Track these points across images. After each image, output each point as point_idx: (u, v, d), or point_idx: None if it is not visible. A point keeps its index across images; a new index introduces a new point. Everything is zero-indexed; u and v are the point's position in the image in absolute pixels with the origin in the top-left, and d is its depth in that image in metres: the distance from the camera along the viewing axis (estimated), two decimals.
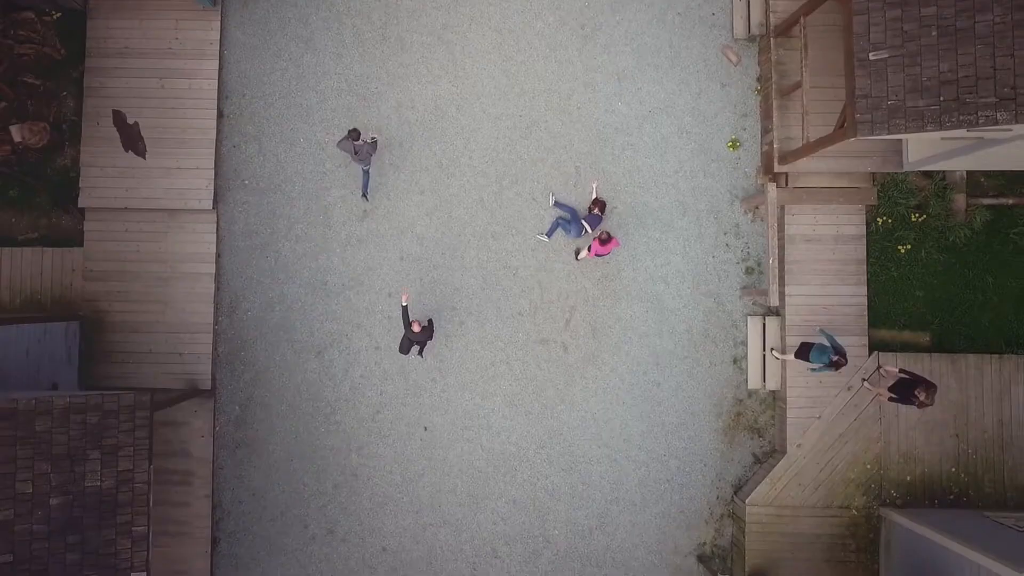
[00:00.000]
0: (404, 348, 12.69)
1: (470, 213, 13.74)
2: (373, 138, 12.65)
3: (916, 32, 10.33)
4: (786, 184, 13.47)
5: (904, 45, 10.38)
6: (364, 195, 13.36)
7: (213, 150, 13.46)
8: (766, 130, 13.65)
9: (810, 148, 12.12)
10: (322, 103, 13.77)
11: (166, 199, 13.40)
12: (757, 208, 13.66)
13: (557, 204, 13.56)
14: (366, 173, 13.08)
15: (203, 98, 13.53)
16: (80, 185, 13.41)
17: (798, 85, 12.76)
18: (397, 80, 13.77)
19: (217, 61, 13.59)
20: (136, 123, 13.46)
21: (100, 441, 10.39)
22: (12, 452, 9.92)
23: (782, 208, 13.48)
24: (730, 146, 13.82)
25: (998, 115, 9.90)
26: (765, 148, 13.69)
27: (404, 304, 12.41)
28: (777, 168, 13.22)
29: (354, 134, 12.24)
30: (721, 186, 13.85)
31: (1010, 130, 10.37)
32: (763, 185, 13.55)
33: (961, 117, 10.07)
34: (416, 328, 12.23)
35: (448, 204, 13.73)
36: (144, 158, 13.43)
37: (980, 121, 10.00)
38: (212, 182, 13.43)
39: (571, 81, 13.87)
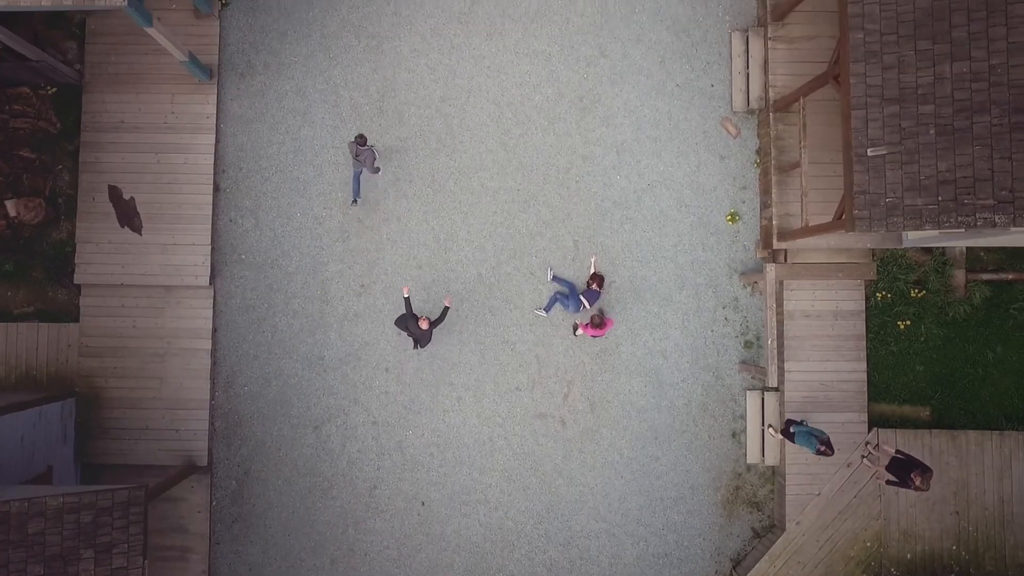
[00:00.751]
0: (400, 325, 12.64)
1: (468, 288, 13.67)
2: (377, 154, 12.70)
3: (914, 130, 10.27)
4: (785, 260, 13.42)
5: (902, 142, 10.33)
6: (354, 200, 13.31)
7: (209, 225, 13.40)
8: (765, 205, 13.59)
9: (808, 231, 12.06)
10: (319, 177, 13.71)
11: (162, 275, 13.35)
12: (756, 283, 13.59)
13: (555, 279, 13.51)
14: (357, 177, 13.04)
15: (199, 173, 13.47)
16: (76, 261, 13.35)
17: (798, 163, 12.69)
18: (394, 154, 13.71)
19: (213, 135, 13.54)
20: (132, 198, 13.40)
21: (94, 540, 10.31)
22: (5, 556, 9.85)
23: (781, 283, 13.42)
24: (729, 219, 13.76)
25: (996, 217, 9.85)
26: (764, 223, 13.63)
27: (406, 296, 12.31)
28: (776, 245, 13.16)
29: (360, 139, 12.23)
30: (720, 260, 13.79)
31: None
32: (762, 259, 13.51)
33: (959, 218, 10.02)
34: (424, 325, 12.13)
35: (445, 279, 13.67)
36: (140, 234, 13.37)
37: (978, 223, 9.95)
38: (208, 258, 13.37)
39: (569, 154, 13.81)
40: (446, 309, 12.48)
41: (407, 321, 12.34)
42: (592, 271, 13.28)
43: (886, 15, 10.45)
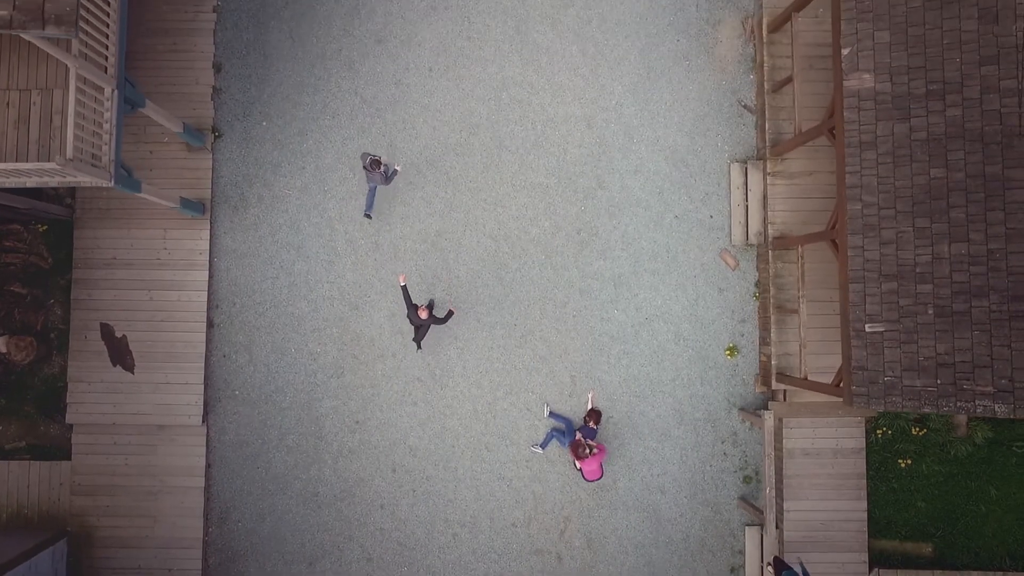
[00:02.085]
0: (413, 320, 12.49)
1: (463, 424, 13.54)
2: (395, 170, 12.55)
3: (912, 309, 10.13)
4: (784, 398, 13.26)
5: (900, 320, 10.19)
6: (367, 214, 13.17)
7: (203, 364, 13.29)
8: (764, 340, 13.45)
9: (807, 386, 11.92)
10: (314, 312, 13.59)
11: (155, 415, 13.23)
12: (755, 419, 13.44)
13: (552, 415, 13.38)
14: (373, 191, 12.90)
15: (192, 310, 13.36)
16: (67, 401, 13.25)
17: (796, 310, 12.55)
18: (391, 289, 13.60)
19: (207, 271, 13.43)
20: (124, 336, 13.29)
21: None
22: None
23: (780, 421, 13.26)
24: (728, 353, 13.62)
25: (996, 407, 9.70)
26: (763, 359, 13.49)
27: (402, 284, 12.21)
28: (775, 386, 13.02)
29: (375, 164, 12.08)
30: (719, 394, 13.64)
31: None
32: (761, 393, 13.38)
33: (958, 403, 9.87)
34: (423, 315, 12.11)
35: (441, 415, 13.54)
36: (132, 373, 13.26)
37: (978, 410, 9.80)
38: (202, 397, 13.26)
39: (567, 288, 13.68)
40: (450, 314, 12.48)
41: (407, 311, 12.23)
42: (589, 407, 13.15)
43: (884, 188, 10.32)
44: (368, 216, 13.15)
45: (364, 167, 12.28)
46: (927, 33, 10.28)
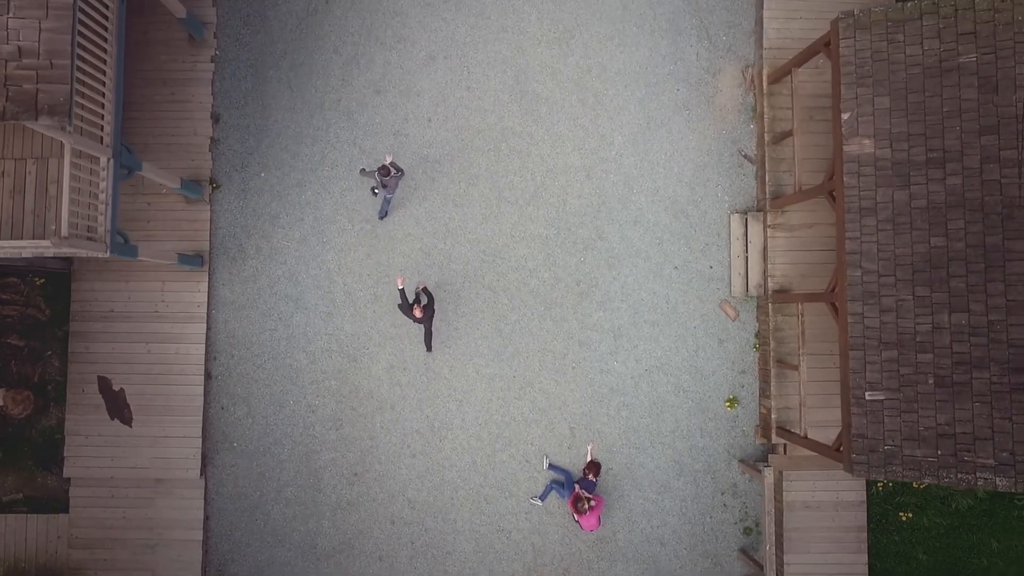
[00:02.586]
0: (403, 311, 12.45)
1: (462, 476, 13.49)
2: (399, 169, 12.43)
3: (913, 378, 10.08)
4: (784, 451, 13.21)
5: (901, 389, 10.14)
6: (381, 217, 13.29)
7: (200, 417, 13.26)
8: (764, 393, 13.40)
9: (806, 444, 11.87)
10: (312, 364, 13.55)
11: (153, 468, 13.20)
12: (755, 472, 13.39)
13: (551, 467, 13.33)
14: (388, 200, 12.95)
15: (191, 364, 13.32)
16: (64, 454, 13.21)
17: (796, 366, 12.50)
18: (389, 340, 13.55)
19: (205, 324, 13.39)
20: (122, 389, 13.25)
21: None
22: None
23: (780, 474, 13.21)
24: (728, 404, 13.57)
25: (997, 480, 9.64)
26: (763, 411, 13.44)
27: (400, 287, 12.12)
28: (775, 439, 12.97)
29: (384, 171, 12.06)
30: (719, 445, 13.59)
31: None
32: (761, 445, 13.32)
33: (959, 475, 9.81)
34: (418, 313, 12.06)
35: (440, 467, 13.49)
36: (130, 426, 13.22)
37: (978, 482, 9.75)
38: (199, 449, 13.22)
39: (566, 340, 13.63)
40: (402, 291, 12.25)
41: (408, 316, 12.27)
42: (588, 459, 13.10)
43: (884, 256, 10.27)
44: (383, 218, 13.36)
45: (380, 182, 12.23)
46: (927, 100, 10.23)
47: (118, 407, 13.28)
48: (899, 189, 10.28)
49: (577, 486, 12.79)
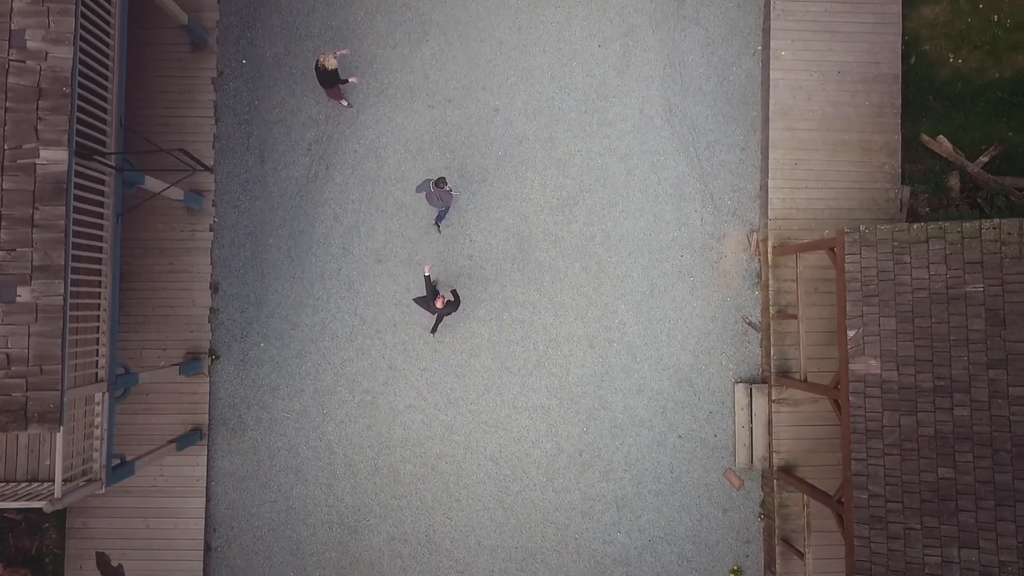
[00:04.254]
0: (420, 303, 12.63)
1: None
2: (449, 189, 12.41)
3: None
4: None
5: None
6: (437, 223, 13.39)
7: None
8: (769, 568, 13.26)
9: None
10: (312, 536, 13.42)
11: None
12: None
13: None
14: (442, 215, 13.06)
15: (190, 538, 13.21)
16: None
17: (802, 553, 12.37)
18: (390, 512, 13.43)
19: (204, 497, 13.28)
20: (120, 565, 13.15)
21: None
22: None
23: None
24: (732, 575, 13.44)
25: None
26: None
27: (427, 275, 12.13)
28: None
29: (442, 182, 12.06)
30: None
31: None
32: None
33: None
34: (440, 304, 12.01)
35: None
36: None
37: None
38: None
39: (569, 511, 13.51)
40: (427, 279, 12.30)
41: (426, 300, 12.25)
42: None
43: (891, 480, 10.15)
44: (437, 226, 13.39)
45: (431, 194, 12.23)
46: (934, 327, 10.11)
47: None
48: (906, 414, 10.16)
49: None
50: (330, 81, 12.51)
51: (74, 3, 7.73)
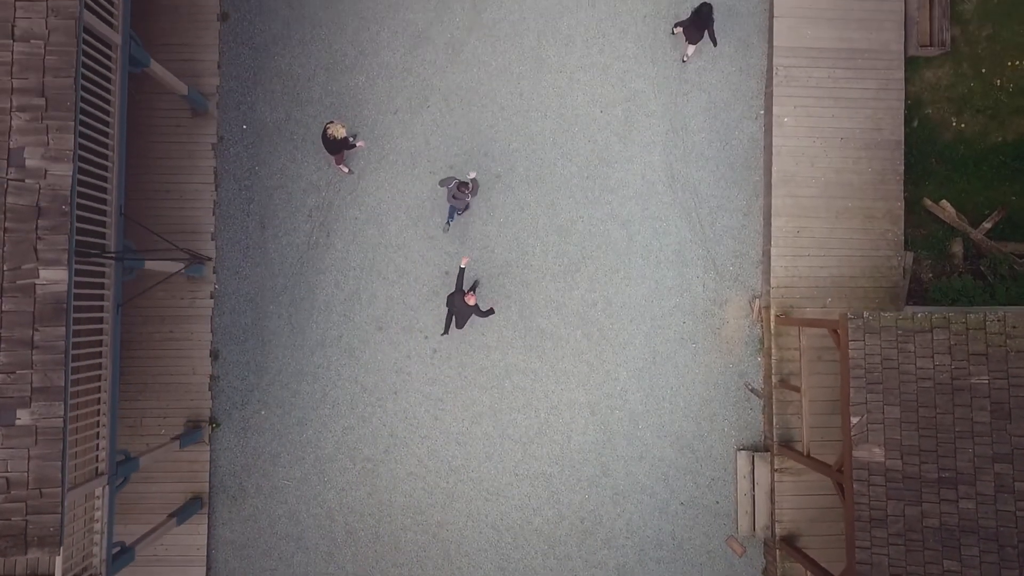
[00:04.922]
0: (449, 304, 12.54)
1: None
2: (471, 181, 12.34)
3: None
4: None
5: None
6: (447, 223, 13.37)
7: None
8: None
9: None
10: None
11: None
12: None
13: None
14: (456, 212, 12.97)
15: None
16: None
17: None
18: None
19: (204, 567, 13.22)
20: None
21: None
22: None
23: None
24: None
25: None
26: None
27: (462, 267, 12.11)
28: None
29: (463, 187, 12.03)
30: None
31: None
32: None
33: None
34: (471, 300, 11.91)
35: None
36: None
37: None
38: None
39: None
40: (491, 311, 12.44)
41: (454, 297, 12.14)
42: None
43: (895, 570, 10.09)
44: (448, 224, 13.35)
45: (453, 195, 12.24)
46: (939, 417, 10.07)
47: None
48: (911, 504, 10.11)
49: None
50: (337, 148, 12.46)
51: (73, 120, 7.66)
